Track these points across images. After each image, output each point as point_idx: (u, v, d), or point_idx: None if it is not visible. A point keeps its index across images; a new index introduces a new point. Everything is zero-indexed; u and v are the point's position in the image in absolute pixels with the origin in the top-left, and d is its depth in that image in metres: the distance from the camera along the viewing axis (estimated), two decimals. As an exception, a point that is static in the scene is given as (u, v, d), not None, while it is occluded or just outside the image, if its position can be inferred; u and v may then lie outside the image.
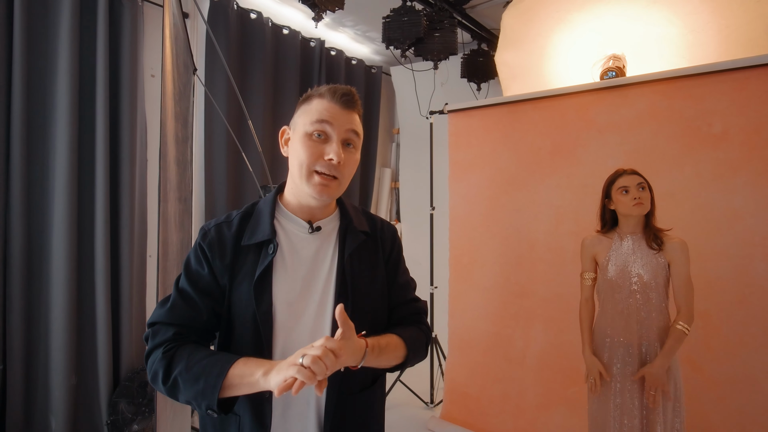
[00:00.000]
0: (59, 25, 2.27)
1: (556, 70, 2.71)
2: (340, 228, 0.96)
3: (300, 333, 0.89)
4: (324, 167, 0.86)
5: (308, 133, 0.86)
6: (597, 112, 2.37)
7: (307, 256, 0.92)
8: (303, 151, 0.86)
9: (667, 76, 2.16)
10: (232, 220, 0.93)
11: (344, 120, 0.88)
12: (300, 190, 0.89)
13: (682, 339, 1.62)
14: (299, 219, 0.93)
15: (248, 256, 0.89)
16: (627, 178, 1.71)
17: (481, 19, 3.29)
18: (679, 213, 2.11)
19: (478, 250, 2.74)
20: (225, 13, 2.91)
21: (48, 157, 2.28)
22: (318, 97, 0.89)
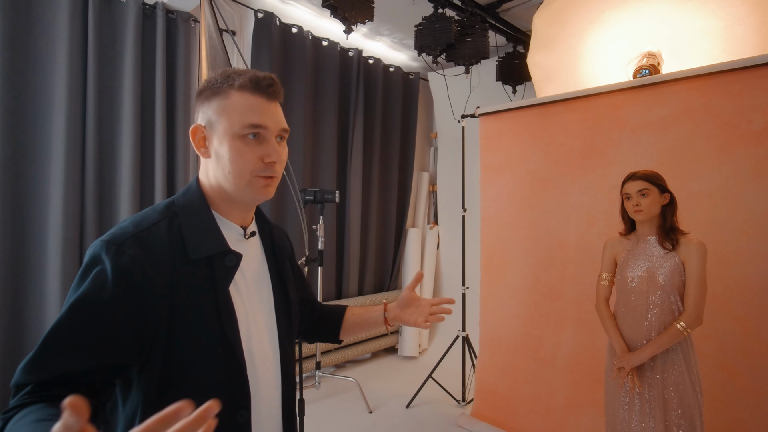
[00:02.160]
0: (125, 46, 2.59)
1: (591, 71, 2.70)
2: (263, 231, 0.91)
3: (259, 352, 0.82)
4: (263, 170, 0.77)
5: (239, 135, 0.75)
6: (629, 112, 2.35)
7: (249, 266, 0.84)
8: (237, 157, 0.75)
9: (703, 72, 2.12)
10: (153, 229, 0.74)
11: (275, 116, 0.79)
12: (232, 195, 0.79)
13: (678, 338, 1.62)
14: (234, 224, 0.83)
15: (198, 272, 0.75)
16: (630, 184, 1.73)
17: (516, 21, 3.32)
18: (717, 213, 2.06)
19: (508, 251, 2.78)
20: (268, 29, 3.16)
21: (116, 161, 2.60)
22: (238, 90, 0.76)
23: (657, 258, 1.71)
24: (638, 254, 1.77)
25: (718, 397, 1.99)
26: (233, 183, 0.77)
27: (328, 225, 3.51)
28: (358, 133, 3.67)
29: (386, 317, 1.05)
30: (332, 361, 3.54)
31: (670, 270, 1.67)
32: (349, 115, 3.66)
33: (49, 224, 2.37)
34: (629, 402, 1.70)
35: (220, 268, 0.77)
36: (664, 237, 1.71)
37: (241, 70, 0.79)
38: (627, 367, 1.66)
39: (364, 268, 3.85)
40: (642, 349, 1.66)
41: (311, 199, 2.95)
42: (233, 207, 0.82)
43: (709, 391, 1.89)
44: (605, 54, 2.65)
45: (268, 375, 0.84)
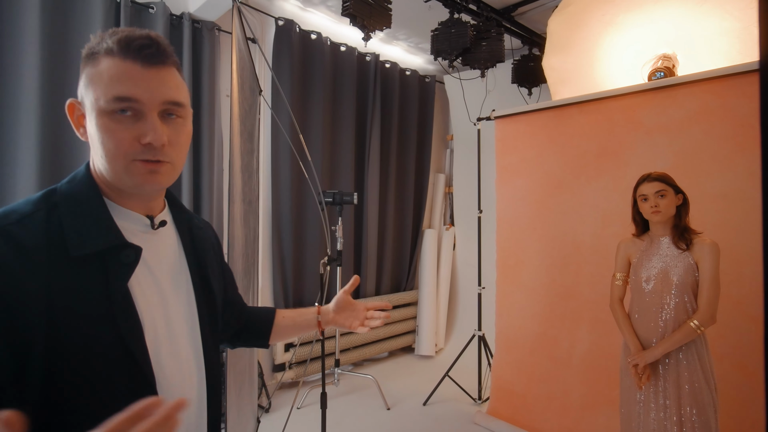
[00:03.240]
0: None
1: (605, 73, 2.75)
2: (179, 221, 0.80)
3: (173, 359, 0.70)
4: (141, 153, 0.65)
5: (106, 111, 0.63)
6: (645, 114, 2.39)
7: (159, 262, 0.73)
8: (107, 137, 0.63)
9: (719, 74, 2.15)
10: (24, 222, 0.62)
11: (154, 85, 0.65)
12: (114, 182, 0.68)
13: (691, 336, 1.66)
14: (136, 214, 0.71)
15: (84, 271, 0.63)
16: (647, 185, 1.77)
17: (531, 24, 3.38)
18: (732, 214, 2.09)
19: (524, 251, 2.84)
20: (288, 36, 3.28)
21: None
22: (106, 55, 0.64)
23: (671, 258, 1.76)
24: (652, 254, 1.82)
25: (735, 397, 2.02)
26: (110, 168, 0.66)
27: (346, 226, 3.61)
28: (375, 135, 3.77)
29: (319, 320, 1.03)
30: (350, 360, 3.64)
31: (684, 270, 1.72)
32: (367, 118, 3.76)
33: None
34: (645, 399, 1.75)
35: (114, 266, 0.64)
36: (678, 237, 1.75)
37: (117, 30, 0.66)
38: (641, 363, 1.72)
39: (382, 268, 3.94)
40: (655, 347, 1.71)
41: (330, 201, 3.05)
42: (129, 193, 0.70)
43: (725, 391, 1.92)
44: (620, 57, 2.70)
45: (187, 386, 0.73)
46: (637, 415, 1.77)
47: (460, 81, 3.41)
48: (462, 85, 3.45)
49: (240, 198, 1.94)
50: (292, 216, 3.37)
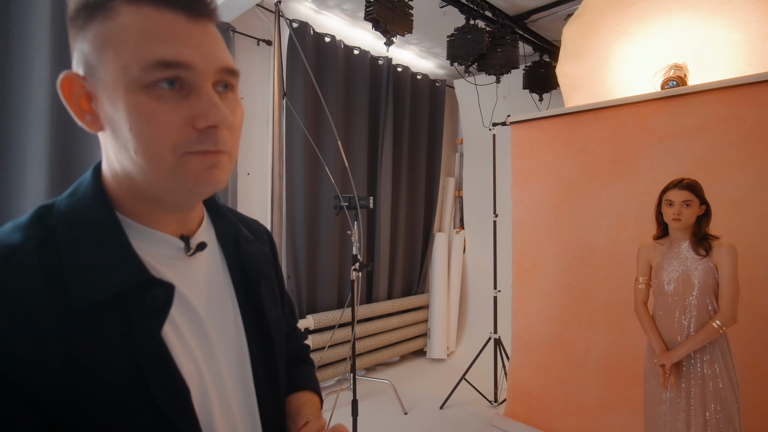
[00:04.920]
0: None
1: (618, 81, 2.92)
2: (220, 237, 0.64)
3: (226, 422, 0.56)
4: (198, 142, 0.48)
5: (142, 84, 0.46)
6: (658, 121, 2.56)
7: (199, 294, 0.57)
8: (145, 122, 0.46)
9: (729, 84, 2.33)
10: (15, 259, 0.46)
11: (206, 46, 0.49)
12: (150, 191, 0.51)
13: (713, 336, 1.81)
14: (165, 235, 0.55)
15: (98, 326, 0.47)
16: (676, 192, 1.89)
17: (543, 31, 3.55)
18: (743, 219, 2.27)
19: (540, 255, 3.00)
20: (303, 38, 3.40)
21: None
22: (131, 1, 0.47)
23: (691, 261, 1.92)
24: (672, 258, 1.98)
25: (747, 394, 2.18)
26: (147, 170, 0.48)
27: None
28: (387, 139, 3.91)
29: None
30: (363, 365, 3.77)
31: (704, 272, 1.87)
32: (379, 122, 3.91)
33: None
34: (671, 398, 1.90)
35: (139, 312, 0.48)
36: (697, 244, 1.90)
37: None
38: (667, 363, 1.87)
39: (394, 271, 4.08)
40: (679, 346, 1.87)
41: (346, 205, 3.18)
42: (160, 206, 0.53)
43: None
44: (632, 65, 2.87)
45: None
46: (663, 414, 1.93)
47: (476, 86, 3.57)
48: (477, 90, 3.60)
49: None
50: (306, 220, 3.48)
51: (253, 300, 0.64)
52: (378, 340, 3.85)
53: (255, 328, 0.62)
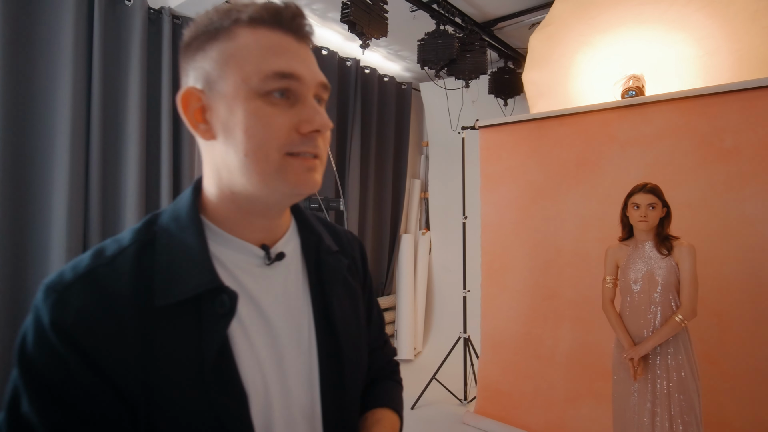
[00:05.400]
0: (131, 50, 2.68)
1: (580, 89, 3.08)
2: (305, 248, 0.66)
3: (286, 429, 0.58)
4: (301, 144, 0.54)
5: (262, 92, 0.53)
6: (619, 128, 2.73)
7: (275, 303, 0.60)
8: (260, 124, 0.52)
9: (683, 96, 2.52)
10: (116, 263, 0.53)
11: (310, 63, 0.57)
12: (254, 193, 0.55)
13: (677, 329, 1.95)
14: (248, 244, 0.59)
15: (176, 326, 0.52)
16: (642, 196, 2.04)
17: (508, 39, 3.68)
18: (696, 221, 2.45)
19: (508, 255, 3.10)
20: (271, 37, 3.34)
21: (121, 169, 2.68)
22: (248, 25, 0.54)
23: (654, 260, 2.06)
24: (638, 258, 2.11)
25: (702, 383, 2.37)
26: (254, 170, 0.53)
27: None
28: (355, 140, 3.90)
29: None
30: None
31: (667, 270, 2.02)
32: (347, 123, 3.89)
33: (51, 233, 2.41)
34: (639, 389, 2.03)
35: (208, 316, 0.53)
36: (660, 244, 2.05)
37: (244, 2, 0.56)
38: (636, 357, 1.99)
39: (360, 274, 4.07)
40: (646, 340, 1.99)
41: (317, 207, 3.14)
42: (252, 215, 0.58)
43: (693, 377, 2.26)
44: (594, 74, 3.04)
45: None
46: (632, 406, 2.05)
47: (446, 90, 3.64)
48: (447, 94, 3.67)
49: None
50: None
51: (327, 314, 0.64)
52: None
53: (327, 340, 0.63)
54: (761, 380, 2.24)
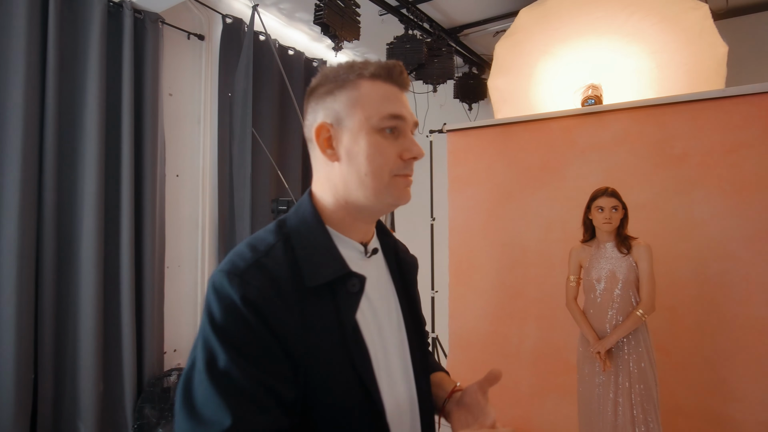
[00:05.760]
0: (89, 45, 2.55)
1: (542, 96, 3.23)
2: (384, 247, 0.84)
3: (393, 391, 0.74)
4: (403, 168, 0.72)
5: (379, 128, 0.71)
6: (579, 134, 2.88)
7: (375, 289, 0.76)
8: (376, 153, 0.70)
9: (637, 105, 2.69)
10: (272, 252, 0.68)
11: (408, 107, 0.75)
12: (365, 204, 0.72)
13: (638, 323, 2.10)
14: (354, 242, 0.76)
15: (319, 302, 0.67)
16: (605, 199, 2.18)
17: (473, 45, 3.79)
18: (649, 222, 2.63)
19: (475, 256, 3.19)
20: (237, 35, 3.27)
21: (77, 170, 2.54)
22: (369, 79, 0.72)
23: (615, 259, 2.20)
24: (600, 258, 2.24)
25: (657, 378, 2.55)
26: (370, 186, 0.71)
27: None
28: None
29: (444, 406, 0.87)
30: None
31: (627, 268, 2.16)
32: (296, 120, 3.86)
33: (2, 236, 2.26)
34: (604, 381, 2.15)
35: (342, 295, 0.69)
36: (620, 244, 2.19)
37: (362, 60, 0.75)
38: (602, 350, 2.11)
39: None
40: (610, 335, 2.13)
41: (284, 209, 3.11)
42: (358, 220, 0.75)
43: (649, 368, 2.42)
44: (554, 82, 3.19)
45: (404, 418, 0.76)
46: (596, 398, 2.17)
47: (413, 94, 3.69)
48: (415, 98, 3.73)
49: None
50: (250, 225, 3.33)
51: (408, 296, 0.85)
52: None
53: (410, 318, 0.83)
54: (709, 369, 2.44)
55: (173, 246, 3.07)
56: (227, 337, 0.61)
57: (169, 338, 3.03)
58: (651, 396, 2.10)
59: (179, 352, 3.10)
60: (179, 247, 3.12)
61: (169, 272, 3.04)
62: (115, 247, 2.69)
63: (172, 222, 3.05)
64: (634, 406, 2.11)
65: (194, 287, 3.20)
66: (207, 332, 0.62)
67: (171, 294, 3.04)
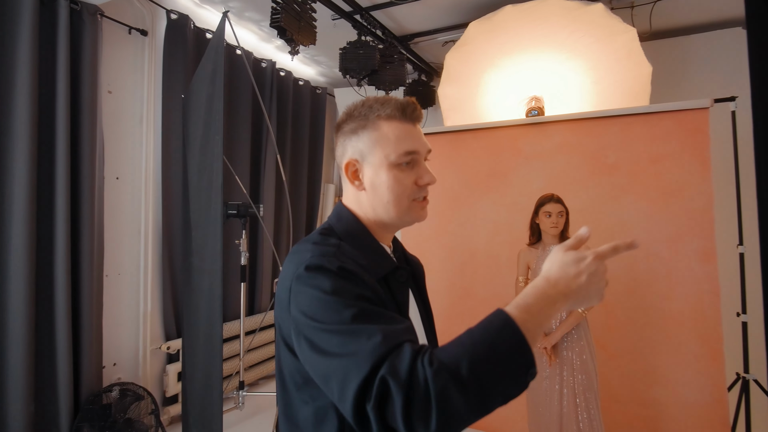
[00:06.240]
0: (18, 37, 2.36)
1: (489, 105, 3.40)
2: (395, 252, 0.98)
3: None
4: (419, 193, 0.87)
5: (396, 164, 0.84)
6: (524, 143, 3.07)
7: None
8: (396, 185, 0.84)
9: (575, 117, 2.92)
10: (342, 248, 0.82)
11: (422, 138, 0.88)
12: (390, 222, 0.88)
13: (579, 319, 2.30)
14: (384, 245, 0.92)
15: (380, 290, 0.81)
16: (553, 205, 2.36)
17: (422, 53, 3.91)
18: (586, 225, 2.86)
19: (427, 259, 3.28)
20: (183, 32, 3.14)
21: (6, 175, 2.35)
22: (386, 119, 0.85)
23: (560, 261, 2.37)
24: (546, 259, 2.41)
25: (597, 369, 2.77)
26: (393, 211, 0.85)
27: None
28: (271, 144, 3.82)
29: None
30: (246, 381, 3.60)
31: (571, 270, 2.34)
32: (262, 127, 3.79)
33: None
34: (550, 374, 2.32)
35: (394, 284, 0.85)
36: None
37: (380, 98, 0.88)
38: (548, 346, 2.28)
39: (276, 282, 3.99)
40: (555, 331, 2.30)
41: (234, 213, 3.04)
42: (386, 231, 0.91)
43: (588, 360, 2.64)
44: (500, 92, 3.38)
45: None
46: (543, 390, 2.33)
47: (366, 99, 3.73)
48: (367, 103, 3.77)
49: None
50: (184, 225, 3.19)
51: (423, 299, 1.01)
52: (262, 353, 3.73)
53: (424, 313, 0.99)
54: (639, 358, 2.70)
55: (113, 253, 2.89)
56: (345, 293, 0.71)
57: (109, 351, 2.86)
58: (592, 385, 2.30)
59: (120, 365, 2.93)
60: (120, 254, 2.95)
61: (109, 281, 2.87)
62: (49, 255, 2.49)
63: (111, 227, 2.87)
64: (577, 395, 2.29)
65: (136, 296, 3.03)
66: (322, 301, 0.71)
67: (110, 304, 2.87)
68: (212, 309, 2.13)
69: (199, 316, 2.40)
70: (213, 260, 2.01)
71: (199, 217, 2.23)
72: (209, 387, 2.13)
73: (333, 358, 0.66)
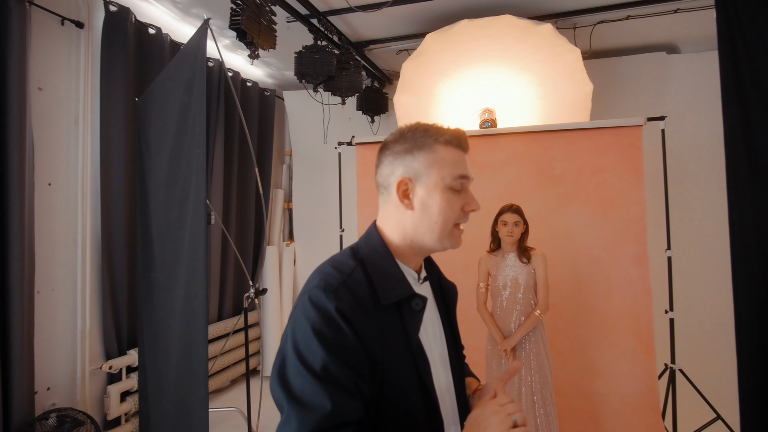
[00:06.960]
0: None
1: (443, 114, 3.50)
2: (430, 275, 1.00)
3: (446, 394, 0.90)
4: (462, 218, 0.89)
5: (450, 187, 0.86)
6: (477, 153, 3.20)
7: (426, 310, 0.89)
8: (447, 207, 0.86)
9: (525, 130, 3.10)
10: (354, 276, 0.83)
11: (469, 168, 0.91)
12: (429, 244, 0.88)
13: (536, 322, 2.46)
14: (411, 270, 0.91)
15: (391, 318, 0.82)
16: (508, 215, 2.49)
17: (376, 60, 3.93)
18: (535, 232, 3.03)
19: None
20: (123, 26, 2.92)
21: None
22: (444, 144, 0.87)
23: (517, 268, 2.52)
24: (505, 266, 2.55)
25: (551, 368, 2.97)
26: (437, 232, 0.87)
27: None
28: (219, 147, 3.66)
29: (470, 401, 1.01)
30: (193, 396, 3.43)
31: (527, 275, 2.50)
32: (210, 128, 3.62)
33: None
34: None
35: (407, 313, 0.84)
36: (521, 254, 2.53)
37: (436, 125, 0.91)
38: (508, 347, 2.41)
39: (224, 291, 3.83)
40: (514, 334, 2.44)
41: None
42: (417, 255, 0.91)
43: (539, 359, 2.82)
44: (453, 103, 3.49)
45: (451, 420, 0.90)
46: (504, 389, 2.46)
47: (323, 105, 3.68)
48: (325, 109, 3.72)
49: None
50: (126, 236, 2.98)
51: (448, 315, 1.01)
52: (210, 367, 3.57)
53: (450, 335, 0.99)
54: (581, 354, 2.93)
55: (45, 267, 2.63)
56: (325, 339, 0.74)
57: (42, 375, 2.60)
58: (547, 383, 2.47)
59: (54, 390, 2.67)
60: (53, 268, 2.68)
61: (41, 297, 2.60)
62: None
63: (43, 239, 2.61)
64: (534, 393, 2.45)
65: (72, 314, 2.77)
66: (306, 333, 0.75)
67: (43, 323, 2.61)
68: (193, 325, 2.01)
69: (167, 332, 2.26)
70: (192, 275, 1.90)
71: (167, 231, 2.09)
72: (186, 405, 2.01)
73: (289, 394, 0.73)
